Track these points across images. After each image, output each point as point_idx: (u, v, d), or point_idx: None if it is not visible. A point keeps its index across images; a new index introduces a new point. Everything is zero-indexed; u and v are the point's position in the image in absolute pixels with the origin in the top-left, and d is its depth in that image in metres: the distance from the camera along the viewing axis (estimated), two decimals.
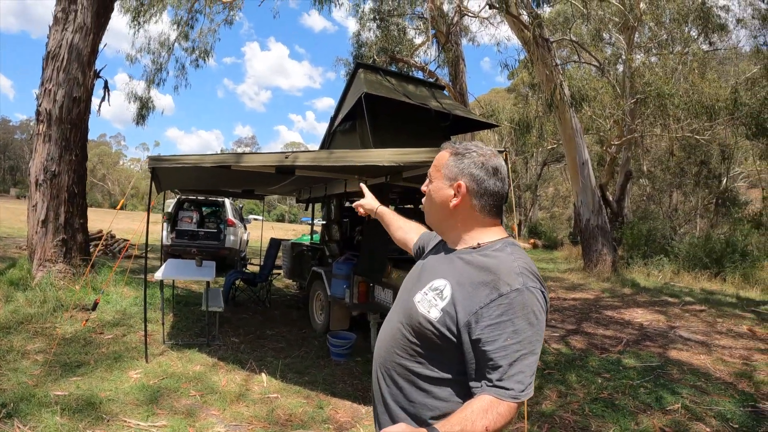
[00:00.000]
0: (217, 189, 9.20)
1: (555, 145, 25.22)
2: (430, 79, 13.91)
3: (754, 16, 19.19)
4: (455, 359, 1.38)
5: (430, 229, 1.81)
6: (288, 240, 9.99)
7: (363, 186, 2.19)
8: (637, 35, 18.72)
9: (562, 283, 13.91)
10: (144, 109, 17.10)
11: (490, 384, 1.28)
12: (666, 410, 4.61)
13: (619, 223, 20.17)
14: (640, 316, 9.21)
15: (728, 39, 19.97)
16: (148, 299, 7.37)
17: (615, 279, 13.81)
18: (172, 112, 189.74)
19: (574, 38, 16.70)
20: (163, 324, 6.20)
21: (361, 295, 5.75)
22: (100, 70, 8.71)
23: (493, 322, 1.29)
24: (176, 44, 17.28)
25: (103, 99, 9.52)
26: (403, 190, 6.34)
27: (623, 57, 18.95)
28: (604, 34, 19.62)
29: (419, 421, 1.39)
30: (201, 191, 10.13)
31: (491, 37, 66.61)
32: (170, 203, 12.54)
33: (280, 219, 76.18)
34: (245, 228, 14.58)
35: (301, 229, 39.80)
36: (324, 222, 7.73)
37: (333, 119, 6.74)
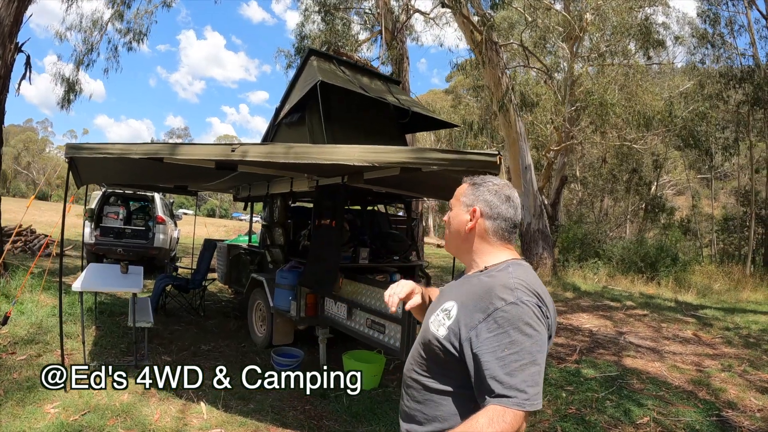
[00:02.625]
0: (145, 184, 8.24)
1: (498, 148, 25.39)
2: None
3: (693, 35, 20.16)
4: (457, 373, 1.46)
5: None
6: (224, 241, 9.23)
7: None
8: (579, 45, 19.04)
9: None
10: (71, 93, 15.67)
11: (493, 395, 1.32)
12: (636, 424, 4.50)
13: (555, 227, 20.49)
14: (587, 321, 9.20)
15: (665, 55, 20.86)
16: (67, 308, 6.53)
17: (556, 282, 13.89)
18: (102, 99, 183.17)
19: (519, 43, 16.69)
20: (83, 342, 5.28)
21: (309, 308, 5.12)
22: (23, 44, 7.73)
23: (489, 335, 1.36)
24: (110, 24, 16.00)
25: (23, 76, 8.39)
26: (354, 191, 5.75)
27: (565, 65, 19.26)
28: (548, 42, 19.85)
29: None
30: (128, 185, 9.14)
31: (435, 37, 67.11)
32: (96, 196, 11.49)
33: (211, 214, 73.58)
34: (176, 225, 13.63)
35: (232, 225, 38.41)
36: (265, 224, 7.01)
37: (278, 110, 6.12)
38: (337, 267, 4.71)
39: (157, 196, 11.47)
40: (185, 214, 21.85)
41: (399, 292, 1.77)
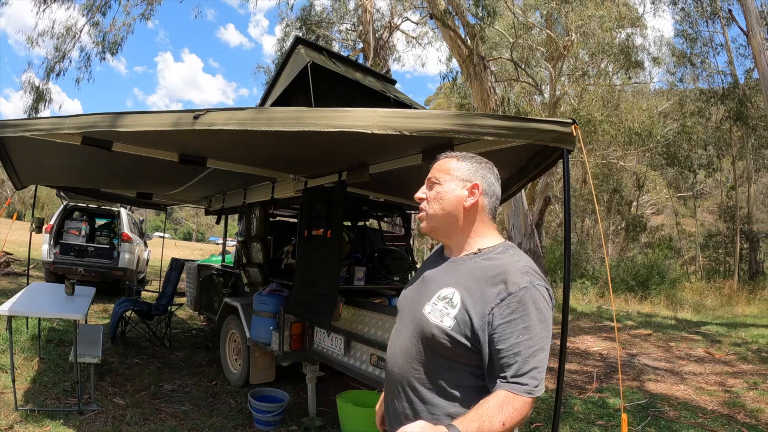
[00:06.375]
0: (100, 188, 6.87)
1: None
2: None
3: (672, 54, 20.58)
4: (467, 365, 1.40)
5: None
6: (193, 261, 8.22)
7: None
8: (562, 65, 18.96)
9: None
10: (39, 101, 14.71)
11: (505, 380, 1.30)
12: None
13: (541, 248, 20.22)
14: (593, 344, 8.85)
15: (643, 76, 21.35)
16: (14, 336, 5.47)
17: None
18: None
19: (509, 58, 16.33)
20: (13, 380, 3.99)
21: (294, 340, 4.13)
22: None
23: (504, 321, 1.31)
24: (86, 35, 15.06)
25: None
26: (348, 199, 4.68)
27: (545, 88, 19.18)
28: (530, 62, 19.79)
29: None
30: (80, 191, 7.61)
31: (416, 57, 67.09)
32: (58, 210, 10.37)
33: (187, 237, 71.28)
34: (145, 245, 12.54)
35: (209, 248, 36.59)
36: (241, 239, 5.99)
37: (261, 106, 5.28)
38: (335, 289, 3.70)
39: (123, 212, 10.44)
40: (161, 237, 20.46)
41: None
